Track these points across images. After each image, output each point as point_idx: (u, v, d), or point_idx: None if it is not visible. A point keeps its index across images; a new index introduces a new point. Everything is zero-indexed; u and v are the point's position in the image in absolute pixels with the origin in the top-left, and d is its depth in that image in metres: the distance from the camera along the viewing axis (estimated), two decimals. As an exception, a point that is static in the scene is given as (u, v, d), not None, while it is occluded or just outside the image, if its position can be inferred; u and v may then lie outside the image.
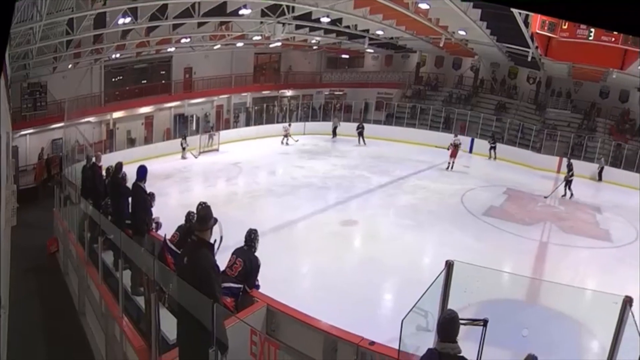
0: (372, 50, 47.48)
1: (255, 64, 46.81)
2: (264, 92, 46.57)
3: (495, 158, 38.16)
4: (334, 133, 42.21)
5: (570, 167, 29.13)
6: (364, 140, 40.75)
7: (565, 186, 29.05)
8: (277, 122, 43.49)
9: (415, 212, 24.24)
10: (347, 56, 50.72)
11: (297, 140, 40.60)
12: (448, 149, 34.16)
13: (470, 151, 39.50)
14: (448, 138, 35.83)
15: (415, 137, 40.46)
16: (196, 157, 35.60)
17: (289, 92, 48.78)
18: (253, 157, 34.89)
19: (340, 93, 50.20)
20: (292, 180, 29.23)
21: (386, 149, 38.47)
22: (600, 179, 35.09)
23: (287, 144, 40.10)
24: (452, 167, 33.82)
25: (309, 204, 24.91)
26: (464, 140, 38.31)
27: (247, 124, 42.52)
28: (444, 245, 19.44)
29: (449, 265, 7.19)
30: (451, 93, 45.93)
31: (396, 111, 45.14)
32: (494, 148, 38.54)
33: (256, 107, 44.37)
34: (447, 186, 29.21)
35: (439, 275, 7.10)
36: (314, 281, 16.74)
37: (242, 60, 44.60)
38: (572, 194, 29.11)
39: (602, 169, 35.12)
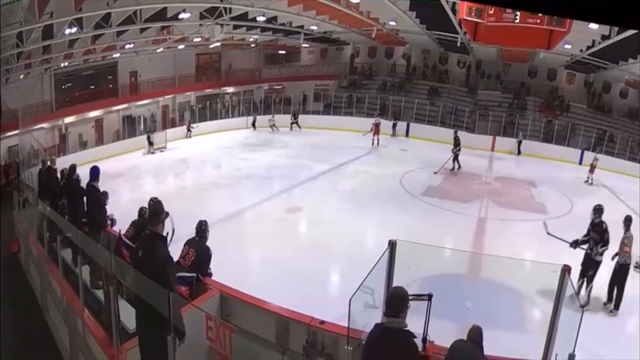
0: (307, 45, 47.94)
1: (197, 64, 46.68)
2: (206, 90, 46.49)
3: (395, 135, 39.82)
4: (254, 126, 42.97)
5: (457, 141, 29.46)
6: (298, 126, 41.98)
7: (454, 160, 29.57)
8: (220, 119, 43.85)
9: (356, 196, 24.23)
10: (284, 52, 51.03)
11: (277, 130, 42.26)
12: (371, 130, 36.12)
13: (407, 135, 39.89)
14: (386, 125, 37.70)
15: (353, 125, 40.49)
16: (162, 151, 35.66)
17: (230, 89, 48.77)
18: (199, 152, 34.58)
19: (279, 87, 50.43)
20: (237, 172, 29.01)
21: (326, 137, 38.60)
22: (519, 152, 36.08)
23: (277, 129, 42.09)
24: (378, 144, 35.92)
25: (255, 193, 24.67)
26: (399, 124, 39.22)
27: (193, 121, 42.13)
28: (386, 226, 19.38)
29: (392, 245, 7.24)
30: (385, 81, 46.47)
31: (333, 101, 45.60)
32: (395, 125, 40.01)
33: (200, 105, 44.16)
34: (386, 170, 29.36)
35: (383, 254, 7.14)
36: (264, 266, 16.55)
37: (184, 61, 44.44)
38: (459, 166, 29.82)
39: (520, 142, 35.98)
